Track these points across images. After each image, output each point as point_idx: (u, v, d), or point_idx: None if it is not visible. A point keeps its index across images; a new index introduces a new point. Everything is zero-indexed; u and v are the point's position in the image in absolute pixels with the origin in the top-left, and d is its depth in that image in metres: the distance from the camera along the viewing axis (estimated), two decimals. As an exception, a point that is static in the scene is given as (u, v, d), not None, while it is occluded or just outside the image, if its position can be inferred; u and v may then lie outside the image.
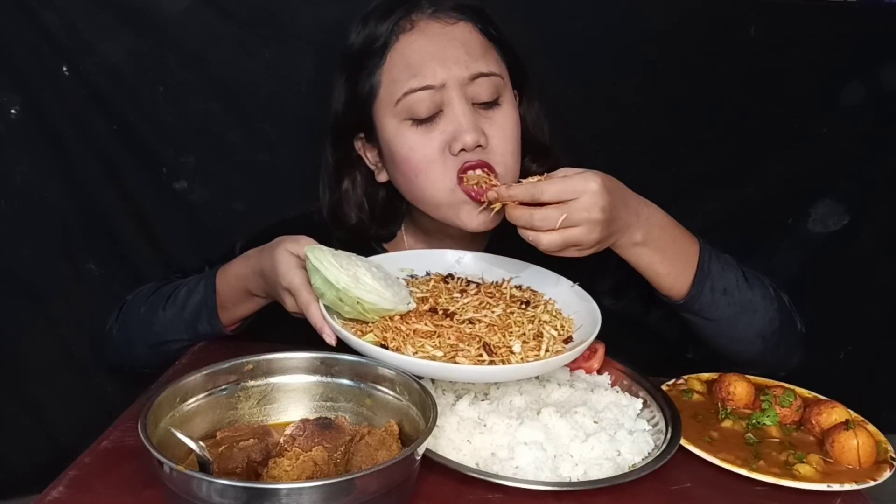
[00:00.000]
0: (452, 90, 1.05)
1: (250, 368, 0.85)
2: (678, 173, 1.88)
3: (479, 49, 1.08)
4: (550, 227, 0.89)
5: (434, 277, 1.07)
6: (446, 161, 1.06)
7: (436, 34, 1.08)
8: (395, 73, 1.08)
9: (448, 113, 1.06)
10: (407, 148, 1.08)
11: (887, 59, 1.81)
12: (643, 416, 0.95)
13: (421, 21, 1.09)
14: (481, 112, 1.08)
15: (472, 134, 1.04)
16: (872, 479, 0.84)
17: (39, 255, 1.62)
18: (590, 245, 0.92)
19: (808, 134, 1.88)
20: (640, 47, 1.73)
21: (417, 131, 1.07)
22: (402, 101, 1.06)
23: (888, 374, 2.15)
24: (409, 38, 1.08)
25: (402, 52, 1.08)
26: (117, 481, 0.80)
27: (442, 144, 1.06)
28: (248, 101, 1.62)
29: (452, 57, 1.06)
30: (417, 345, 0.88)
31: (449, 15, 1.09)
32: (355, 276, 0.91)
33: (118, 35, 1.52)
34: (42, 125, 1.54)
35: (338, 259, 0.92)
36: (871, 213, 1.98)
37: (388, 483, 0.68)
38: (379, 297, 0.91)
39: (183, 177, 1.65)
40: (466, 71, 1.06)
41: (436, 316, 0.95)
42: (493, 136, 1.07)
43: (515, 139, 1.10)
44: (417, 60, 1.06)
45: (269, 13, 1.58)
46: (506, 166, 1.08)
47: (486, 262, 1.12)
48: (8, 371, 1.66)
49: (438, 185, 1.07)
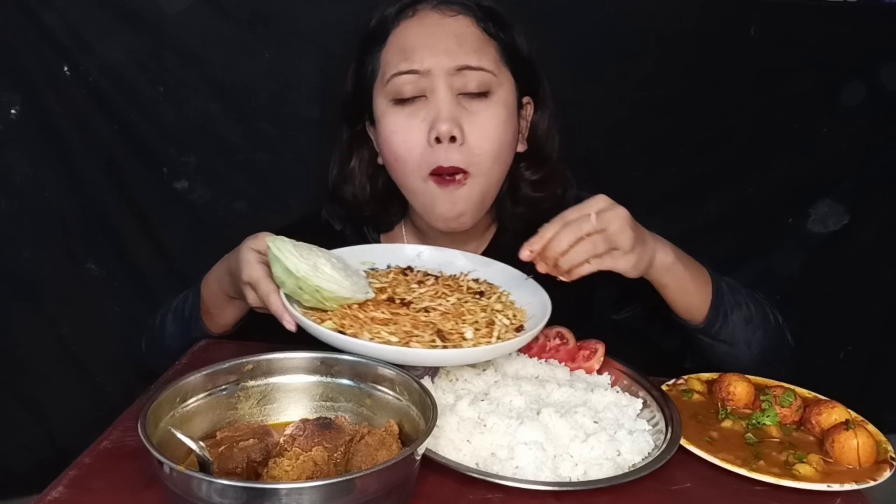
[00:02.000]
0: (438, 78, 1.07)
1: (250, 368, 0.85)
2: (678, 173, 1.88)
3: (473, 43, 1.10)
4: (587, 230, 0.93)
5: (394, 269, 1.09)
6: (424, 149, 1.08)
7: (432, 23, 1.11)
8: (389, 56, 1.11)
9: (431, 100, 1.08)
10: (390, 129, 1.11)
11: (887, 59, 1.81)
12: (643, 416, 0.95)
13: (423, 10, 1.12)
14: (465, 104, 1.09)
15: (447, 124, 1.05)
16: (872, 479, 0.84)
17: (39, 255, 1.62)
18: (628, 245, 0.95)
19: (808, 134, 1.88)
20: (640, 47, 1.73)
21: (402, 113, 1.10)
22: (391, 82, 1.10)
23: (888, 374, 2.15)
24: (408, 23, 1.12)
25: (399, 36, 1.11)
26: (117, 481, 0.80)
27: (423, 132, 1.08)
28: (248, 101, 1.63)
29: (443, 47, 1.08)
30: (374, 331, 0.90)
31: (451, 7, 1.11)
32: (315, 265, 0.94)
33: (119, 35, 1.52)
34: (42, 125, 1.55)
35: (298, 249, 0.95)
36: (871, 213, 1.98)
37: (388, 483, 0.68)
38: (337, 285, 0.94)
39: (184, 176, 1.65)
40: (453, 62, 1.07)
41: (393, 305, 0.97)
42: (471, 132, 1.08)
43: (497, 137, 1.10)
44: (410, 45, 1.09)
45: (269, 13, 1.58)
46: (479, 166, 1.09)
47: (445, 257, 1.14)
48: (8, 371, 1.66)
49: (413, 172, 1.10)
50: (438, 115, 1.06)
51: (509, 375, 0.99)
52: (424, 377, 0.97)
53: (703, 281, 1.08)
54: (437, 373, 0.99)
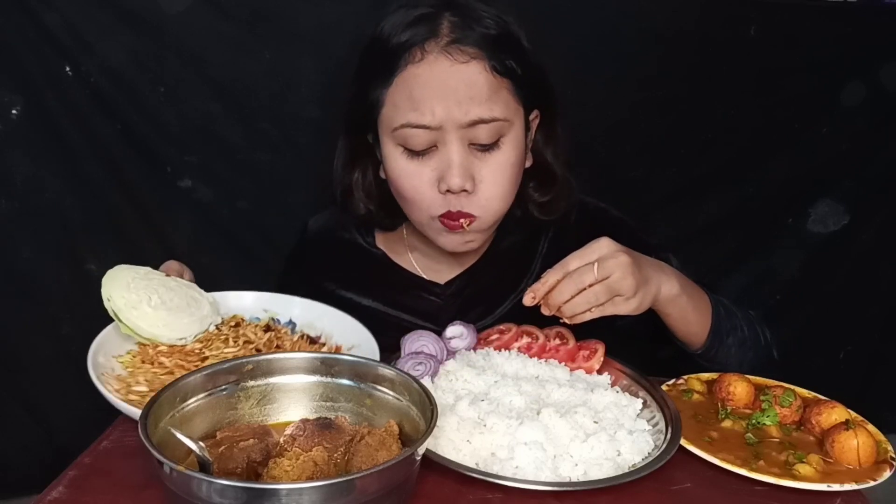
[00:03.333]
0: (449, 132, 1.03)
1: (250, 368, 0.85)
2: (678, 173, 1.88)
3: (485, 92, 1.03)
4: (589, 282, 0.94)
5: (259, 324, 1.07)
6: (434, 195, 1.07)
7: (443, 71, 1.03)
8: (396, 100, 1.05)
9: (442, 151, 1.05)
10: (398, 171, 1.08)
11: (887, 59, 1.81)
12: (643, 416, 0.95)
13: (432, 54, 1.03)
14: (477, 154, 1.06)
15: (459, 179, 1.03)
16: (872, 479, 0.84)
17: (39, 255, 1.62)
18: (630, 291, 0.96)
19: (808, 134, 1.88)
20: (641, 47, 1.73)
21: (410, 161, 1.07)
22: (399, 131, 1.05)
23: (888, 374, 2.16)
24: (417, 69, 1.03)
25: (407, 81, 1.04)
26: (117, 481, 0.80)
27: (432, 179, 1.06)
28: (248, 101, 1.63)
29: (454, 99, 1.02)
30: (149, 378, 0.93)
31: (462, 51, 1.03)
32: (139, 301, 0.97)
33: (119, 35, 1.53)
34: (43, 125, 1.55)
35: (136, 281, 0.99)
36: (871, 213, 1.99)
37: (389, 483, 0.68)
38: (148, 324, 0.97)
39: (185, 176, 1.65)
40: (466, 116, 1.02)
41: (192, 356, 0.97)
42: (481, 181, 1.06)
43: (507, 181, 1.09)
44: (419, 95, 1.03)
45: (269, 13, 1.58)
46: (487, 210, 1.08)
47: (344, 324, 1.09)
48: (8, 371, 1.67)
49: (422, 214, 1.09)
50: (450, 170, 1.04)
51: (509, 375, 0.99)
52: (424, 377, 0.97)
53: (705, 309, 1.09)
54: (438, 373, 0.99)
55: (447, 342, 1.06)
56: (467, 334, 1.07)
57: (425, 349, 1.03)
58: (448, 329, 1.07)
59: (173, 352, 0.97)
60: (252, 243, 1.74)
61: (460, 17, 1.04)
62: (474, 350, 1.06)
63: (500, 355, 1.04)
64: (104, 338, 0.97)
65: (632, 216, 1.29)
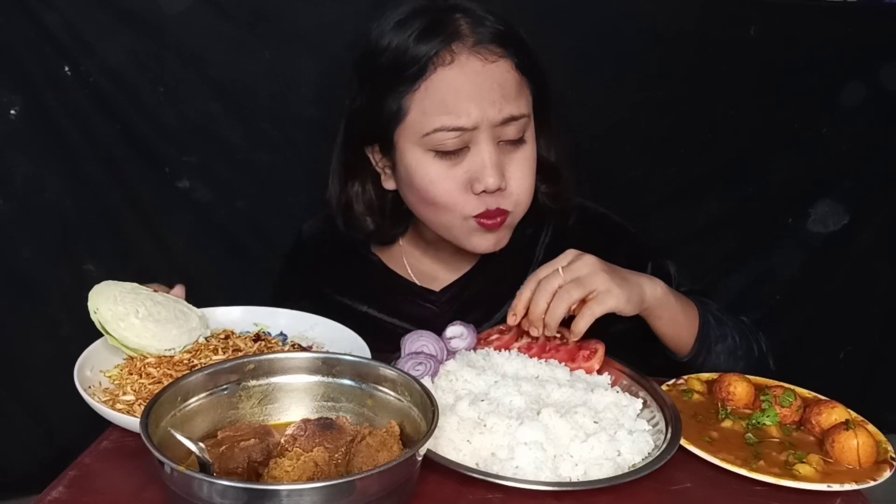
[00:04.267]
0: (483, 132, 1.04)
1: (251, 368, 0.85)
2: (678, 173, 1.88)
3: (514, 90, 1.05)
4: (558, 283, 0.98)
5: (249, 336, 1.06)
6: (467, 197, 1.06)
7: (475, 73, 1.02)
8: (426, 105, 1.03)
9: (475, 152, 1.05)
10: (428, 179, 1.07)
11: (887, 59, 1.81)
12: (643, 416, 0.95)
13: (462, 55, 1.02)
14: (505, 151, 1.07)
15: (495, 178, 1.04)
16: (872, 479, 0.84)
17: (39, 255, 1.62)
18: (604, 285, 0.98)
19: (808, 134, 1.88)
20: (640, 47, 1.73)
21: (441, 164, 1.06)
22: (431, 136, 1.04)
23: (888, 374, 2.16)
24: (448, 72, 1.02)
25: (438, 85, 1.03)
26: (117, 481, 0.80)
27: (465, 182, 1.06)
28: (248, 101, 1.63)
29: (489, 99, 1.03)
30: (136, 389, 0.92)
31: (490, 51, 1.04)
32: (126, 313, 0.97)
33: (119, 35, 1.53)
34: (43, 125, 1.55)
35: (122, 294, 0.99)
36: (871, 213, 1.99)
37: (389, 484, 0.68)
38: (136, 335, 0.96)
39: (184, 176, 1.65)
40: (500, 114, 1.03)
41: (180, 366, 0.96)
42: (511, 177, 1.07)
43: (532, 175, 1.10)
44: (454, 99, 1.02)
45: (269, 14, 1.58)
46: (518, 205, 1.09)
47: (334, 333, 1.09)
48: (8, 371, 1.67)
49: (455, 217, 1.08)
50: (485, 170, 1.04)
51: (509, 375, 0.99)
52: (424, 377, 0.97)
53: (693, 314, 1.11)
54: (438, 373, 0.99)
55: (447, 342, 1.06)
56: (467, 334, 1.07)
57: (425, 349, 1.03)
58: (448, 329, 1.07)
59: (161, 362, 0.97)
60: (250, 244, 1.74)
61: (472, 18, 1.05)
62: (474, 350, 1.06)
63: (500, 355, 1.04)
64: (91, 352, 0.97)
65: (632, 216, 1.29)
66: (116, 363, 0.98)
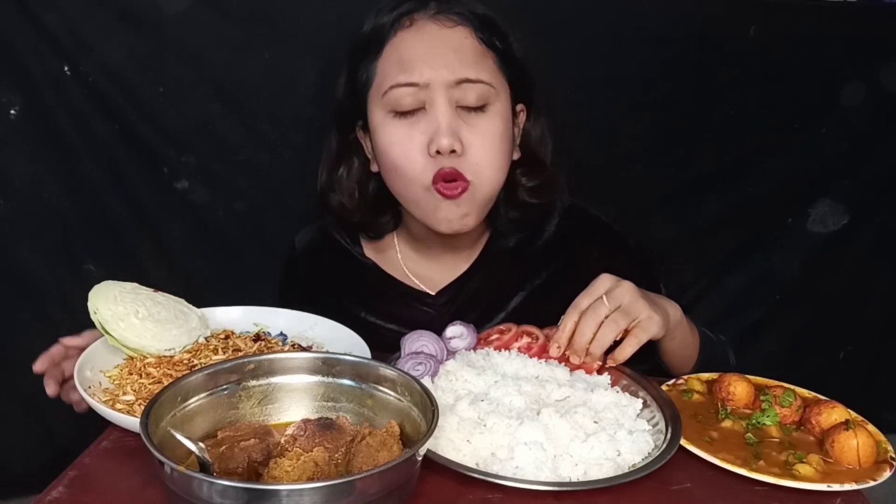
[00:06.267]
0: (437, 91, 1.06)
1: (252, 368, 0.85)
2: (678, 173, 1.88)
3: (471, 56, 1.08)
4: (604, 314, 0.99)
5: (249, 336, 1.06)
6: (426, 160, 1.08)
7: (431, 34, 1.09)
8: (387, 67, 1.09)
9: (430, 112, 1.07)
10: (388, 141, 1.10)
11: (887, 59, 1.81)
12: (643, 416, 0.95)
13: (421, 20, 1.09)
14: (464, 117, 1.08)
15: (448, 138, 1.05)
16: (872, 479, 0.84)
17: (39, 255, 1.62)
18: (645, 312, 0.99)
19: (808, 134, 1.88)
20: (640, 47, 1.73)
21: (400, 125, 1.09)
22: (388, 94, 1.08)
23: (888, 374, 2.16)
24: (406, 34, 1.09)
25: (397, 46, 1.09)
26: (117, 481, 0.80)
27: (422, 144, 1.07)
28: (248, 101, 1.63)
29: (442, 59, 1.07)
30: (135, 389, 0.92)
31: (449, 18, 1.09)
32: (126, 314, 0.97)
33: (119, 35, 1.53)
34: (42, 125, 1.55)
35: (122, 294, 0.99)
36: (871, 213, 1.99)
37: (390, 484, 0.68)
38: (136, 336, 0.97)
39: (184, 177, 1.65)
40: (452, 75, 1.06)
41: (180, 366, 0.97)
42: (470, 144, 1.08)
43: (496, 149, 1.10)
44: (408, 57, 1.08)
45: (269, 13, 1.58)
46: (478, 175, 1.09)
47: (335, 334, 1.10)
48: (8, 371, 1.66)
49: (415, 183, 1.09)
50: (438, 129, 1.06)
51: (509, 375, 0.99)
52: (424, 377, 0.97)
53: (696, 334, 1.15)
54: (438, 373, 0.99)
55: (447, 342, 1.06)
56: (467, 334, 1.07)
57: (425, 349, 1.03)
58: (448, 329, 1.07)
59: (161, 362, 0.97)
60: (250, 244, 1.74)
61: (446, 2, 1.11)
62: (474, 350, 1.06)
63: (500, 355, 1.04)
64: (91, 352, 0.97)
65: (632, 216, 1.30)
66: (116, 363, 0.98)
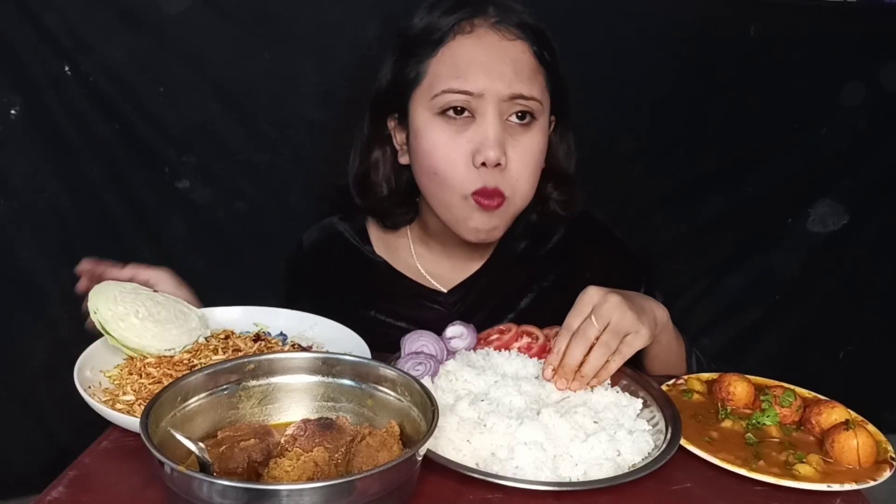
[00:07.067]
0: (489, 102, 1.05)
1: (251, 368, 0.85)
2: (678, 173, 1.88)
3: (527, 71, 1.07)
4: (594, 335, 0.96)
5: (249, 336, 1.06)
6: (468, 170, 1.07)
7: (491, 44, 1.07)
8: (440, 69, 1.07)
9: (479, 122, 1.06)
10: (432, 143, 1.09)
11: (887, 59, 1.81)
12: (643, 416, 0.95)
13: (481, 28, 1.07)
14: (510, 130, 1.08)
15: (496, 150, 1.05)
16: (872, 479, 0.84)
17: (39, 256, 1.62)
18: (634, 326, 0.97)
19: (808, 134, 1.88)
20: (640, 47, 1.73)
21: (446, 130, 1.08)
22: (439, 97, 1.07)
23: (888, 374, 2.16)
24: (465, 40, 1.07)
25: (454, 51, 1.07)
26: (117, 481, 0.80)
27: (467, 152, 1.07)
28: (248, 101, 1.63)
29: (499, 71, 1.05)
30: (136, 388, 0.92)
31: (510, 30, 1.07)
32: (126, 314, 0.97)
33: (119, 35, 1.53)
34: (42, 125, 1.55)
35: (122, 294, 0.99)
36: (871, 213, 1.99)
37: (390, 484, 0.68)
38: (136, 335, 0.96)
39: (184, 177, 1.65)
40: (508, 89, 1.05)
41: (180, 366, 0.96)
42: (512, 158, 1.08)
43: (535, 164, 1.11)
44: (465, 64, 1.06)
45: (269, 14, 1.58)
46: (516, 190, 1.10)
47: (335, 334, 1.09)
48: (8, 371, 1.66)
49: (454, 189, 1.09)
50: (486, 141, 1.05)
51: (509, 375, 0.99)
52: (424, 377, 0.97)
53: (681, 340, 1.15)
54: (438, 373, 0.99)
55: (447, 342, 1.06)
56: (467, 334, 1.07)
57: (425, 349, 1.03)
58: (448, 329, 1.07)
59: (161, 362, 0.97)
60: (250, 244, 1.74)
61: (502, 7, 1.10)
62: (474, 350, 1.06)
63: (500, 355, 1.04)
64: (91, 352, 0.97)
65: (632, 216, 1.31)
66: (116, 363, 0.98)
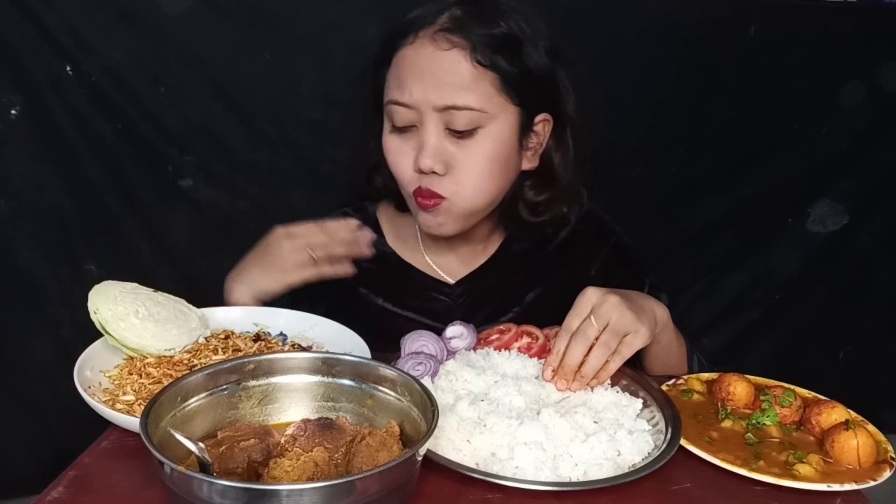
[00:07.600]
0: (426, 113, 1.08)
1: (251, 368, 0.85)
2: (677, 173, 1.88)
3: (460, 81, 1.06)
4: (594, 335, 0.97)
5: (249, 335, 1.06)
6: (412, 173, 1.12)
7: (426, 56, 1.08)
8: (390, 77, 1.12)
9: (420, 131, 1.10)
10: (387, 148, 1.14)
11: (887, 59, 1.81)
12: (643, 416, 0.95)
13: (422, 38, 1.09)
14: (452, 140, 1.09)
15: (428, 160, 1.08)
16: (872, 479, 0.84)
17: (39, 256, 1.62)
18: (633, 326, 0.97)
19: (808, 134, 1.88)
20: (640, 47, 1.73)
21: (396, 138, 1.13)
22: (387, 107, 1.12)
23: (888, 374, 2.16)
24: (407, 52, 1.10)
25: (398, 62, 1.11)
26: (117, 481, 0.80)
27: (411, 157, 1.11)
28: (248, 101, 1.63)
29: (432, 83, 1.07)
30: (136, 388, 0.92)
31: (447, 40, 1.07)
32: (126, 314, 0.97)
33: (120, 36, 1.52)
34: (43, 125, 1.55)
35: (122, 294, 0.99)
36: (871, 213, 1.99)
37: (389, 484, 0.68)
38: (136, 335, 0.96)
39: (186, 176, 1.65)
40: (440, 100, 1.06)
41: (180, 366, 0.97)
42: (455, 167, 1.10)
43: (482, 169, 1.11)
44: (404, 75, 1.09)
45: (269, 14, 1.58)
46: (458, 195, 1.11)
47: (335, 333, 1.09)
48: (8, 371, 1.66)
49: (403, 188, 1.15)
50: (422, 151, 1.08)
51: (509, 375, 0.99)
52: (424, 377, 0.97)
53: (682, 340, 1.15)
54: (438, 373, 0.99)
55: (447, 342, 1.06)
56: (467, 334, 1.07)
57: (425, 349, 1.03)
58: (448, 329, 1.08)
59: (161, 362, 0.97)
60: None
61: (464, 13, 1.08)
62: (474, 350, 1.06)
63: (500, 355, 1.04)
64: (91, 352, 0.97)
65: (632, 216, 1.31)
66: (116, 363, 0.98)
